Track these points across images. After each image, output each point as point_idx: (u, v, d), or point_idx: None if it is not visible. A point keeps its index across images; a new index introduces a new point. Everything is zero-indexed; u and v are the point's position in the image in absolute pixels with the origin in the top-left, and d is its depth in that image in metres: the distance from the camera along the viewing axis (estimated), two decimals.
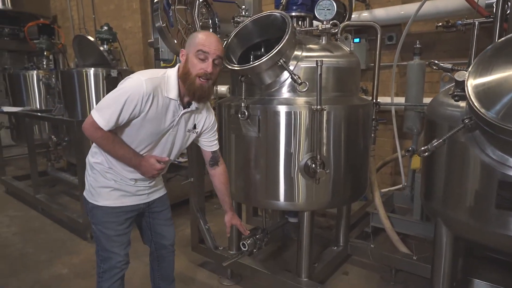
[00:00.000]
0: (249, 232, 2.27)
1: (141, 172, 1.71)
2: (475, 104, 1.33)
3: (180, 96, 1.68)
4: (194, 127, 1.82)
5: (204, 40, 1.60)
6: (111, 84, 3.41)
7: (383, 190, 3.89)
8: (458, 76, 1.42)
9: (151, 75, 1.62)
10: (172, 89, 1.65)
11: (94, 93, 3.44)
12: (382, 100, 3.73)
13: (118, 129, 1.64)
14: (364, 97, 3.61)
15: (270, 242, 2.58)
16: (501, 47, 1.40)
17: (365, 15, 3.92)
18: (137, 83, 1.56)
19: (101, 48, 3.57)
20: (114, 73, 3.42)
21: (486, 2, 2.92)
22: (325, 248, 2.83)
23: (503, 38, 1.44)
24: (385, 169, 4.17)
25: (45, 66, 5.06)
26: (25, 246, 3.31)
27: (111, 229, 1.78)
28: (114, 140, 1.63)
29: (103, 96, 3.38)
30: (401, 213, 3.31)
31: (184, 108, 1.71)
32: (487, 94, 1.33)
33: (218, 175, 1.97)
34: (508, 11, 1.79)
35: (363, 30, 4.14)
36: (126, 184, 1.77)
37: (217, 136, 1.95)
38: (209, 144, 1.92)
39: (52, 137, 3.75)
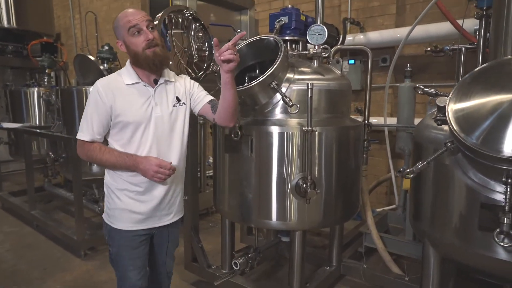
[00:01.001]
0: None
1: (141, 172, 1.63)
2: (455, 129, 1.38)
3: (144, 78, 1.68)
4: (178, 100, 1.75)
5: (126, 16, 1.61)
6: None
7: (377, 210, 3.91)
8: (440, 101, 1.48)
9: (105, 77, 1.73)
10: (128, 75, 1.67)
11: None
12: (377, 120, 3.83)
13: (112, 143, 1.69)
14: (359, 117, 3.70)
15: (262, 261, 2.59)
16: (478, 75, 1.46)
17: (360, 37, 4.03)
18: (93, 89, 1.66)
19: (101, 67, 3.65)
20: None
21: (475, 27, 3.03)
22: (318, 267, 2.82)
23: (480, 67, 1.50)
24: (380, 189, 4.20)
25: (46, 83, 5.15)
26: (18, 263, 3.29)
27: (125, 252, 1.75)
28: (101, 148, 1.65)
29: None
30: (394, 233, 3.32)
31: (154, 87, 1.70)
32: (467, 119, 1.38)
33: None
34: (489, 38, 1.87)
35: (358, 52, 4.25)
36: (138, 202, 1.71)
37: (204, 91, 1.88)
38: (201, 99, 1.82)
39: (50, 153, 3.80)
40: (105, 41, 6.19)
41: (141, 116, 1.64)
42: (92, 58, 3.69)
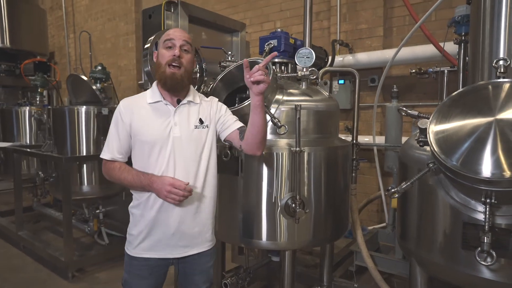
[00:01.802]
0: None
1: (155, 191, 1.56)
2: (436, 150, 1.43)
3: (167, 98, 1.65)
4: (201, 121, 1.68)
5: (168, 32, 1.66)
6: (101, 121, 3.50)
7: (369, 228, 3.92)
8: (421, 123, 1.54)
9: (131, 96, 1.74)
10: (151, 94, 1.66)
11: (85, 130, 3.51)
12: (367, 138, 3.90)
13: (133, 162, 1.67)
14: (349, 135, 3.75)
15: (253, 282, 2.57)
16: (457, 98, 1.53)
17: (349, 58, 4.14)
18: (116, 108, 1.68)
19: (94, 87, 3.69)
20: (105, 111, 3.52)
21: (457, 50, 3.14)
22: (310, 287, 2.81)
23: (458, 91, 1.57)
24: (371, 206, 4.22)
25: (38, 102, 5.16)
26: (3, 286, 3.21)
27: (133, 281, 1.68)
28: (120, 167, 1.63)
29: (94, 133, 3.55)
30: (385, 251, 3.33)
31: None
32: (447, 141, 1.43)
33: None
34: (468, 62, 1.95)
35: (347, 73, 4.35)
36: (150, 227, 1.63)
37: (233, 116, 1.79)
38: (229, 124, 1.74)
39: (40, 173, 3.78)
40: (99, 61, 6.28)
41: (157, 136, 1.60)
42: (84, 78, 3.73)
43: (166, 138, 1.60)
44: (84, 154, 3.53)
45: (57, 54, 8.40)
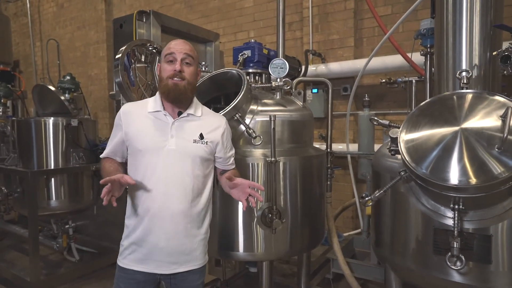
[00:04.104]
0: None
1: None
2: (407, 159, 1.47)
3: (168, 109, 1.63)
4: (201, 137, 1.63)
5: (170, 44, 1.63)
6: (71, 133, 3.37)
7: (344, 234, 3.98)
8: (392, 133, 1.58)
9: (135, 102, 1.77)
10: (153, 103, 1.65)
11: (53, 142, 3.36)
12: (340, 146, 3.97)
13: (128, 167, 1.66)
14: (323, 143, 3.81)
15: None
16: (425, 108, 1.59)
17: (322, 68, 4.23)
18: (118, 113, 1.68)
19: (62, 97, 3.55)
20: (74, 122, 3.39)
21: (423, 61, 3.28)
22: None
23: (426, 101, 1.64)
24: (346, 213, 4.29)
25: (1, 113, 4.91)
26: None
27: None
28: (106, 162, 1.65)
29: (63, 145, 3.41)
30: (361, 257, 3.38)
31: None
32: (417, 150, 1.48)
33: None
34: (434, 73, 2.03)
35: (320, 82, 4.44)
36: (145, 238, 1.58)
37: (232, 150, 1.80)
38: (224, 164, 1.77)
39: (3, 188, 3.57)
40: (68, 70, 6.09)
41: (151, 146, 1.57)
42: (52, 88, 3.59)
43: (160, 149, 1.57)
44: (52, 167, 3.38)
45: (22, 62, 8.07)
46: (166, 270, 1.60)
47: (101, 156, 1.72)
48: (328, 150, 2.71)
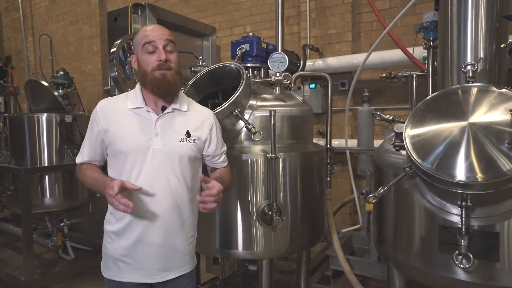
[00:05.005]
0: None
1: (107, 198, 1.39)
2: (413, 154, 1.43)
3: (151, 104, 1.49)
4: (188, 134, 1.50)
5: (145, 31, 1.46)
6: (65, 129, 3.30)
7: (343, 230, 3.96)
8: (397, 128, 1.54)
9: (112, 97, 1.61)
10: (134, 98, 1.50)
11: (46, 139, 3.29)
12: (338, 141, 3.94)
13: (108, 170, 1.52)
14: (322, 140, 3.77)
15: None
16: (431, 102, 1.55)
17: (319, 63, 4.18)
18: (94, 110, 1.53)
19: (56, 93, 3.47)
20: (68, 118, 3.32)
21: (423, 55, 3.24)
22: None
23: (432, 95, 1.60)
24: (344, 209, 4.26)
25: None
26: None
27: None
28: (86, 168, 1.52)
29: (56, 142, 3.33)
30: (360, 254, 3.36)
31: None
32: (422, 145, 1.44)
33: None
34: (437, 67, 1.99)
35: (318, 77, 4.39)
36: (120, 245, 1.49)
37: (223, 147, 1.68)
38: (215, 162, 1.64)
39: None
40: (61, 65, 5.97)
41: (135, 146, 1.44)
42: (45, 83, 3.51)
43: (145, 149, 1.44)
44: (46, 164, 3.31)
45: (14, 58, 7.92)
46: (157, 278, 1.50)
47: (77, 161, 1.56)
48: (328, 146, 2.67)
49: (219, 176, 1.58)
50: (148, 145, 1.44)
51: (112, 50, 2.23)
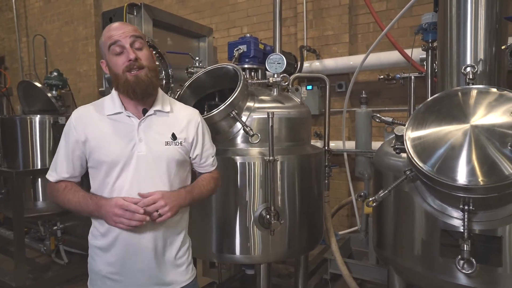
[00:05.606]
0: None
1: (104, 218, 1.31)
2: (414, 157, 1.41)
3: (130, 108, 1.40)
4: (174, 137, 1.41)
5: (109, 31, 1.35)
6: (58, 131, 3.24)
7: (340, 233, 3.93)
8: (397, 130, 1.52)
9: (86, 105, 1.46)
10: (111, 104, 1.40)
11: (39, 141, 3.23)
12: (336, 143, 3.92)
13: (91, 179, 1.42)
14: (318, 141, 3.75)
15: None
16: (432, 105, 1.53)
17: (316, 64, 4.16)
18: (68, 121, 1.42)
19: (49, 95, 3.42)
20: (62, 120, 3.27)
21: (420, 57, 3.24)
22: None
23: (432, 97, 1.58)
24: (341, 211, 4.24)
25: None
26: None
27: None
28: (66, 187, 1.38)
29: (50, 144, 3.28)
30: (358, 256, 3.33)
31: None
32: (424, 148, 1.42)
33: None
34: (436, 69, 1.98)
35: (315, 78, 4.37)
36: (107, 260, 1.39)
37: (212, 149, 1.59)
38: (203, 166, 1.57)
39: None
40: (56, 66, 5.90)
41: (118, 155, 1.34)
42: (38, 84, 3.45)
43: (129, 157, 1.34)
44: (39, 167, 3.25)
45: (8, 58, 7.82)
46: None
47: (51, 180, 1.41)
48: (326, 148, 2.65)
49: (194, 183, 1.52)
50: (132, 153, 1.35)
51: None
